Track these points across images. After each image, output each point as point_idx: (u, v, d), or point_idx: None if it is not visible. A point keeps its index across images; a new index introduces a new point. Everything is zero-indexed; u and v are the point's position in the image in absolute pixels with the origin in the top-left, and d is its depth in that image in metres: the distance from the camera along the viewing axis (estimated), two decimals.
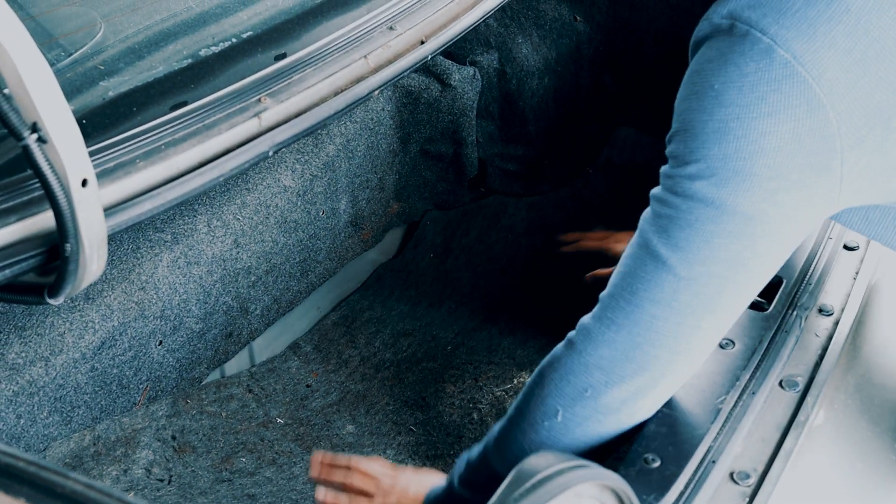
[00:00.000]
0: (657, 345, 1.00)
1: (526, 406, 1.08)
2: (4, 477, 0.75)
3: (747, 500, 0.99)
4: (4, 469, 0.76)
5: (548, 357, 1.09)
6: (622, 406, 1.03)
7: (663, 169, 1.01)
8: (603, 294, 1.04)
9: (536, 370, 1.10)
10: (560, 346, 1.08)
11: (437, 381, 1.86)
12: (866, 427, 1.15)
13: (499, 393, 1.80)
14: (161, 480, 1.53)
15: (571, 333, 1.07)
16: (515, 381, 1.83)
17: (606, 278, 1.08)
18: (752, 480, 1.01)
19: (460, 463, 1.19)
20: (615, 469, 1.00)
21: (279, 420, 1.76)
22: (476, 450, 1.16)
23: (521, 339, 1.95)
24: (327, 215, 1.92)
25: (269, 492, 1.57)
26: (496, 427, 1.14)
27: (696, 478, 1.00)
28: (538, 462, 0.84)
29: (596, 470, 0.85)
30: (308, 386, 1.87)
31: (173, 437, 1.62)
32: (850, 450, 1.14)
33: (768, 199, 0.95)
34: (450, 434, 1.72)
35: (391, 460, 1.68)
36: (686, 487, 0.99)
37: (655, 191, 1.01)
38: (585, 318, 1.06)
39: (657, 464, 1.01)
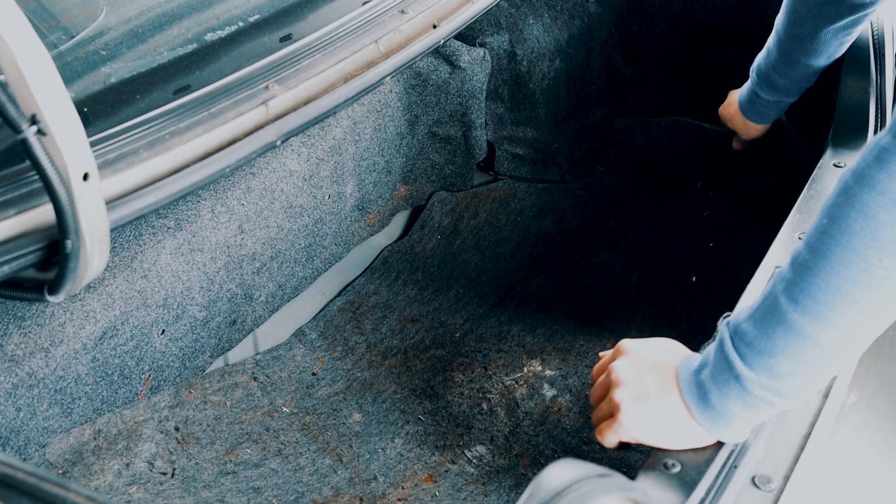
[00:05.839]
0: None
1: (835, 247, 0.86)
2: (2, 488, 0.72)
3: None
4: (3, 480, 0.72)
5: (846, 177, 0.86)
6: None
7: None
8: None
9: (835, 193, 0.87)
10: (861, 161, 0.85)
11: (445, 370, 1.83)
12: (890, 428, 1.13)
13: (508, 382, 1.77)
14: (164, 474, 1.50)
15: (878, 136, 0.84)
16: (525, 370, 1.80)
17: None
18: (775, 485, 0.98)
19: (727, 331, 0.98)
20: (634, 475, 0.97)
21: (285, 409, 1.73)
22: (745, 314, 0.96)
23: (530, 326, 1.92)
24: (333, 200, 1.88)
25: (274, 484, 1.54)
26: (780, 282, 0.91)
27: (718, 483, 0.97)
28: (557, 474, 0.80)
29: (618, 481, 0.82)
30: (314, 374, 1.84)
31: (176, 429, 1.59)
32: (875, 452, 1.11)
33: None
34: (459, 424, 1.69)
35: (399, 450, 1.65)
36: (707, 493, 0.96)
37: None
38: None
39: (677, 469, 0.98)
